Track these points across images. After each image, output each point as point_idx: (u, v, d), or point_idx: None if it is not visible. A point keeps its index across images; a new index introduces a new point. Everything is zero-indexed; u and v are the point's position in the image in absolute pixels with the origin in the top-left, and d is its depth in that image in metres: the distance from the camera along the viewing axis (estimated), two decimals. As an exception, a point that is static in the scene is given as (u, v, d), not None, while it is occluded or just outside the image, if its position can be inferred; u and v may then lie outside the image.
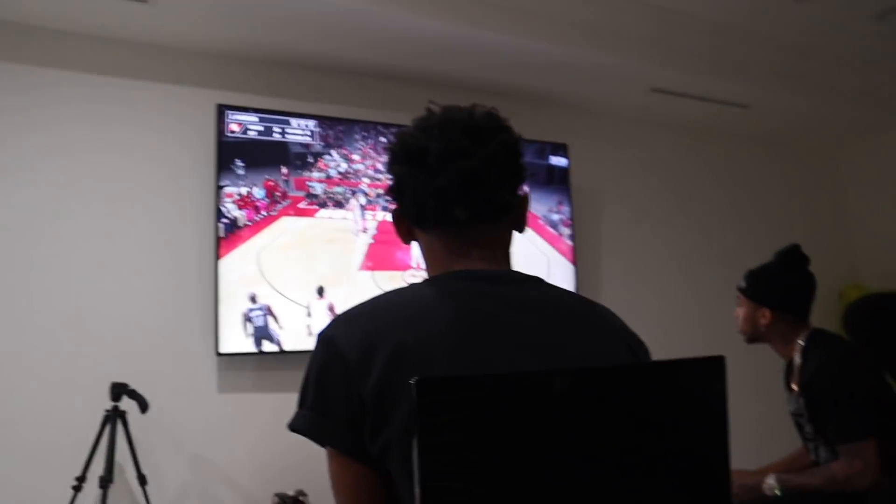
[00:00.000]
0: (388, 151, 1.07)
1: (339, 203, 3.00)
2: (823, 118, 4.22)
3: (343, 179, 3.01)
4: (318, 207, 2.96)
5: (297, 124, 2.94)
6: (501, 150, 1.01)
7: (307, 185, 2.94)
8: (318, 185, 2.96)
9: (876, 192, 4.54)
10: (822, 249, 4.45)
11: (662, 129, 4.07)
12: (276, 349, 2.75)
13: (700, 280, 3.90)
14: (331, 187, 2.98)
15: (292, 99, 3.04)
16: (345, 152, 3.02)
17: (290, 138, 2.92)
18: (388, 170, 1.07)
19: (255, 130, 2.85)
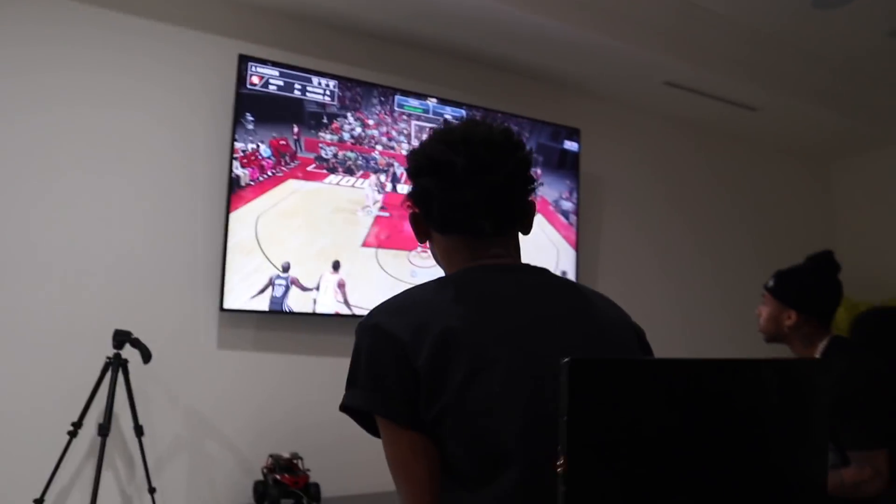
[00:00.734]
0: (412, 161, 1.17)
1: (349, 170, 2.94)
2: (824, 128, 4.28)
3: (356, 144, 2.95)
4: (327, 172, 2.89)
5: (318, 83, 2.87)
6: (520, 166, 1.14)
7: (319, 146, 2.88)
8: (329, 149, 2.90)
9: (866, 205, 4.63)
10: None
11: (670, 124, 4.09)
12: (280, 310, 2.70)
13: (689, 276, 3.94)
14: (342, 151, 2.92)
15: (310, 56, 2.97)
16: (361, 116, 2.97)
17: (309, 96, 2.85)
18: (413, 179, 1.17)
19: (275, 85, 2.78)
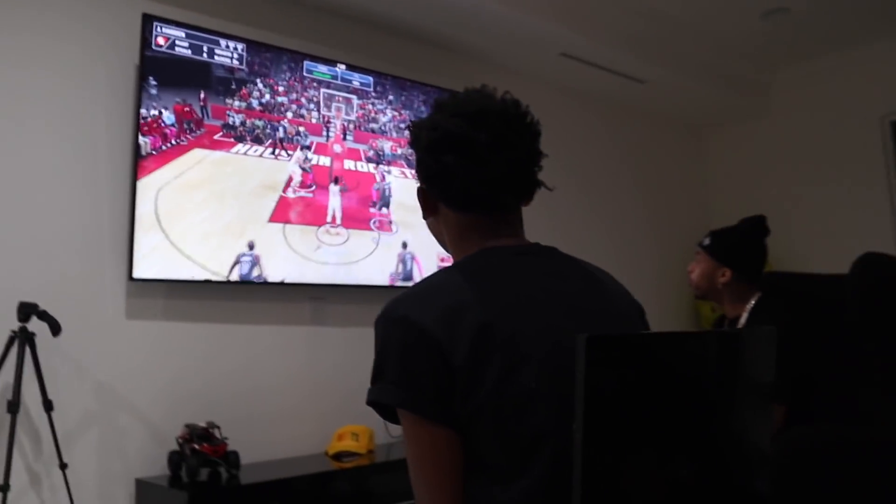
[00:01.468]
0: (425, 136, 1.15)
1: (257, 139, 2.89)
2: (703, 101, 4.59)
3: (264, 112, 2.90)
4: (234, 141, 2.82)
5: (227, 45, 2.80)
6: (535, 140, 1.16)
7: (226, 113, 2.81)
8: (237, 116, 2.84)
9: (736, 173, 5.03)
10: (681, 222, 4.89)
11: (565, 94, 4.25)
12: (190, 278, 2.66)
13: (583, 238, 4.16)
14: (250, 119, 2.87)
15: (219, 19, 2.88)
16: (270, 82, 2.93)
17: (217, 60, 2.78)
18: (427, 155, 1.15)
19: (181, 46, 2.69)
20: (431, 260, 3.31)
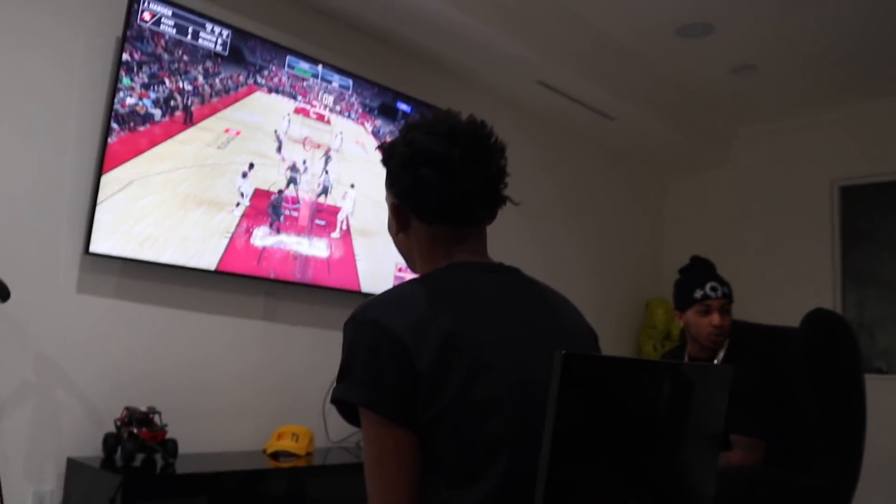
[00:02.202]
0: (400, 153, 1.22)
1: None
2: (667, 145, 4.74)
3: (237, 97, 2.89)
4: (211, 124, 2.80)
5: (212, 29, 2.76)
6: (501, 157, 1.24)
7: (203, 95, 2.78)
8: (214, 98, 2.81)
9: (689, 219, 5.18)
10: (635, 261, 5.02)
11: (536, 120, 4.31)
12: (151, 259, 2.60)
13: (527, 265, 4.21)
14: (227, 106, 2.85)
15: (205, 1, 2.86)
16: (251, 71, 2.91)
17: (201, 42, 2.74)
18: (402, 171, 1.21)
19: (167, 25, 2.64)
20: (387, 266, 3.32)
